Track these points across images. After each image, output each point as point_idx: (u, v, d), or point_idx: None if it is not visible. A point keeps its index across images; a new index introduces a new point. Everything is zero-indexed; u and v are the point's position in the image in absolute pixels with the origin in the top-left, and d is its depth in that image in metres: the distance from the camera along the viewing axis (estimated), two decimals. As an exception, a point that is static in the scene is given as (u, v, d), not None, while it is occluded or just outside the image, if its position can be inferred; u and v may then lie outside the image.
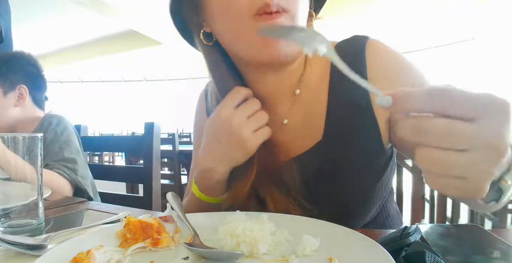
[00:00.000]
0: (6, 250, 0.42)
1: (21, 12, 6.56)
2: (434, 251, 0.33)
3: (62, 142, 1.07)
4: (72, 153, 1.05)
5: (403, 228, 0.38)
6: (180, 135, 6.11)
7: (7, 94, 1.10)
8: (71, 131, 1.12)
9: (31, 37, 8.29)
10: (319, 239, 0.40)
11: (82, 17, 7.16)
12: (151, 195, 1.19)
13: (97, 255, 0.36)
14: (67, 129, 1.11)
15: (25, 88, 1.13)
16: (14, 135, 0.51)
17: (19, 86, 1.12)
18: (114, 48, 9.10)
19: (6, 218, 0.51)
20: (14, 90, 1.11)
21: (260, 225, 0.41)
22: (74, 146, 1.08)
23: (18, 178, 0.52)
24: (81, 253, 0.35)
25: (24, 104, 1.14)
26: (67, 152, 1.04)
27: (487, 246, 0.41)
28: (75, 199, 0.80)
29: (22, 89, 1.13)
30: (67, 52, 9.64)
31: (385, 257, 0.32)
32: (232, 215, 0.46)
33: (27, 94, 1.14)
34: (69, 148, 1.06)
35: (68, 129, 1.12)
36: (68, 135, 1.09)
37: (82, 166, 1.06)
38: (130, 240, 0.42)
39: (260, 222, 0.43)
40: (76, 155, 1.06)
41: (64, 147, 1.05)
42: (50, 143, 1.06)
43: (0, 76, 1.08)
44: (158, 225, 0.43)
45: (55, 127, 1.09)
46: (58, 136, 1.07)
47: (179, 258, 0.39)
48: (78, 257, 0.35)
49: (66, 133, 1.09)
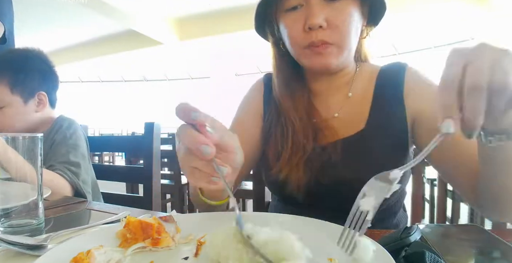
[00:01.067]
0: (6, 250, 0.42)
1: (21, 12, 6.57)
2: (434, 251, 0.33)
3: (69, 145, 1.08)
4: (77, 157, 1.06)
5: (403, 228, 0.38)
6: (180, 135, 6.10)
7: (27, 102, 1.11)
8: (80, 136, 1.13)
9: (31, 37, 8.30)
10: (319, 239, 0.39)
11: (82, 17, 7.16)
12: (151, 195, 1.19)
13: (97, 255, 0.36)
14: (76, 133, 1.12)
15: (45, 95, 1.15)
16: (14, 135, 0.51)
17: (39, 93, 1.13)
18: (114, 48, 9.10)
19: (6, 218, 0.51)
20: (33, 97, 1.13)
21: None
22: (80, 151, 1.09)
23: (19, 176, 0.52)
24: (81, 253, 0.35)
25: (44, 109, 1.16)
26: (73, 156, 1.05)
27: (487, 246, 0.41)
28: (75, 199, 0.80)
29: (41, 96, 1.14)
30: (67, 52, 9.63)
31: (385, 257, 0.32)
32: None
33: (46, 100, 1.16)
34: (75, 151, 1.07)
35: (77, 133, 1.13)
36: (77, 139, 1.10)
37: (85, 171, 1.06)
38: (130, 240, 0.42)
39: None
40: (81, 159, 1.07)
41: (71, 151, 1.06)
42: (57, 145, 1.07)
43: (19, 85, 1.09)
44: (158, 225, 0.43)
45: (65, 129, 1.11)
46: (67, 139, 1.08)
47: (179, 258, 0.39)
48: (78, 257, 0.35)
49: (75, 136, 1.10)
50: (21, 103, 1.09)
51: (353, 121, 0.74)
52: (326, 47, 0.68)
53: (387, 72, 0.77)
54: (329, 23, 0.67)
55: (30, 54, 1.14)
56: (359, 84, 0.78)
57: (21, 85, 1.09)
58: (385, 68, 0.78)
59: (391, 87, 0.74)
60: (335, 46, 0.68)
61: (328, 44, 0.68)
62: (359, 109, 0.75)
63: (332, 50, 0.68)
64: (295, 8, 0.69)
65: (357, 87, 0.78)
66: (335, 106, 0.78)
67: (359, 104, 0.76)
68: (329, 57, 0.69)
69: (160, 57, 9.96)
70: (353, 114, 0.75)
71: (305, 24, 0.67)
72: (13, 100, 1.08)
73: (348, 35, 0.68)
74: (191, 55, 9.52)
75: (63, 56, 9.80)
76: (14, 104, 1.08)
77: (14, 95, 1.08)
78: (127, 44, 8.76)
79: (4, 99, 1.07)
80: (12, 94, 1.07)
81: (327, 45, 0.68)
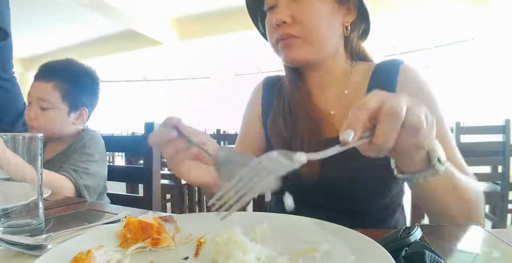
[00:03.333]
0: (6, 250, 0.42)
1: (21, 12, 6.56)
2: (434, 251, 0.33)
3: (84, 153, 1.11)
4: (87, 164, 1.08)
5: (403, 228, 0.38)
6: (180, 135, 6.10)
7: (71, 113, 1.17)
8: (97, 148, 1.17)
9: (31, 37, 8.30)
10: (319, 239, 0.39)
11: (82, 17, 7.16)
12: (151, 195, 1.19)
13: (97, 255, 0.36)
14: (94, 145, 1.16)
15: (87, 111, 1.22)
16: (14, 135, 0.51)
17: (83, 108, 1.20)
18: (114, 48, 9.09)
19: (6, 218, 0.51)
20: (77, 111, 1.19)
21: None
22: (93, 160, 1.11)
23: (18, 178, 0.52)
24: (81, 253, 0.35)
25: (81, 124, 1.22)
26: (82, 162, 1.08)
27: (487, 246, 0.41)
28: (75, 199, 0.80)
29: (83, 111, 1.21)
30: (67, 52, 9.62)
31: (385, 257, 0.32)
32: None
33: (86, 117, 1.22)
34: (87, 159, 1.10)
35: (95, 146, 1.16)
36: (93, 151, 1.14)
37: (92, 178, 1.08)
38: (130, 240, 0.42)
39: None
40: (91, 166, 1.09)
41: (83, 157, 1.10)
42: (74, 152, 1.11)
43: (71, 96, 1.15)
44: (158, 225, 0.43)
45: (85, 141, 1.15)
46: (84, 148, 1.13)
47: (179, 258, 0.39)
48: (78, 257, 0.35)
49: (92, 148, 1.14)
50: (65, 112, 1.16)
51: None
52: (292, 39, 0.72)
53: (382, 70, 0.77)
54: (295, 19, 0.71)
55: (88, 71, 1.22)
56: (355, 81, 0.79)
57: (73, 97, 1.16)
58: (380, 65, 0.79)
59: (384, 85, 0.73)
60: (301, 39, 0.72)
61: (295, 37, 0.72)
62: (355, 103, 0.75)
63: (298, 43, 0.72)
64: (271, 8, 0.75)
65: (353, 84, 0.79)
66: (332, 103, 0.79)
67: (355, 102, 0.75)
68: (296, 50, 0.73)
69: (160, 57, 9.95)
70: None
71: (274, 21, 0.73)
72: (60, 107, 1.14)
73: (315, 28, 0.71)
74: (191, 55, 9.52)
75: (63, 56, 9.74)
76: (59, 111, 1.14)
77: (63, 103, 1.14)
78: (127, 44, 8.76)
79: (53, 103, 1.13)
80: (62, 101, 1.14)
81: (293, 38, 0.72)
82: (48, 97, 1.12)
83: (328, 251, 0.38)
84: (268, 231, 0.44)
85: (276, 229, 0.44)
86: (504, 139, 2.11)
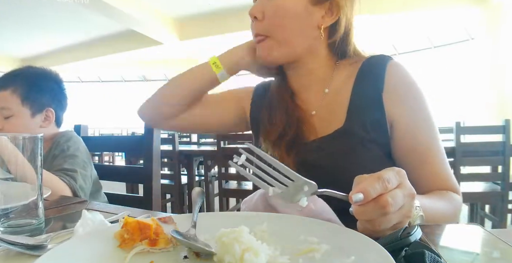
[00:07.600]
0: (6, 250, 0.42)
1: (21, 12, 6.56)
2: (434, 251, 0.33)
3: (66, 156, 1.10)
4: (74, 165, 1.08)
5: (403, 228, 0.38)
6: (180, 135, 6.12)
7: (35, 115, 1.15)
8: (77, 147, 1.16)
9: (31, 37, 8.30)
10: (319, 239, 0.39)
11: (82, 17, 7.16)
12: (151, 195, 1.19)
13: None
14: (74, 145, 1.15)
15: (52, 112, 1.20)
16: (14, 135, 0.51)
17: (47, 109, 1.18)
18: (114, 48, 9.09)
19: (6, 218, 0.51)
20: (41, 112, 1.17)
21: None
22: (77, 160, 1.11)
23: (19, 174, 0.52)
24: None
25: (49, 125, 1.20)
26: (68, 164, 1.07)
27: (487, 246, 0.41)
28: (75, 199, 0.80)
29: (49, 112, 1.19)
30: (66, 52, 9.63)
31: (385, 257, 0.32)
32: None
33: (53, 117, 1.20)
34: (71, 161, 1.09)
35: (75, 145, 1.15)
36: (74, 151, 1.13)
37: (83, 178, 1.08)
38: (127, 240, 0.42)
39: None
40: (79, 167, 1.09)
41: (67, 160, 1.09)
42: (56, 158, 1.10)
43: (30, 98, 1.14)
44: (156, 226, 0.43)
45: (63, 143, 1.14)
46: (64, 151, 1.12)
47: (179, 258, 0.39)
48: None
49: (72, 148, 1.13)
50: (29, 116, 1.14)
51: (331, 119, 0.73)
52: (262, 38, 0.73)
53: (368, 67, 0.73)
54: (264, 15, 0.72)
55: (47, 74, 1.21)
56: (338, 80, 0.76)
57: (32, 99, 1.14)
58: (366, 63, 0.74)
59: (370, 84, 0.71)
60: (271, 38, 0.72)
61: (264, 36, 0.72)
62: (337, 106, 0.73)
63: (268, 42, 0.72)
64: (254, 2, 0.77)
65: (336, 83, 0.76)
66: (313, 103, 0.78)
67: (337, 102, 0.74)
68: (266, 49, 0.73)
69: (160, 57, 9.95)
70: (331, 112, 0.74)
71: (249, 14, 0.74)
72: (22, 111, 1.12)
73: (281, 27, 0.71)
74: (191, 55, 9.52)
75: (63, 56, 9.79)
76: (21, 115, 1.12)
77: (23, 107, 1.12)
78: (127, 44, 8.76)
79: (14, 109, 1.11)
80: (22, 105, 1.12)
81: (262, 36, 0.73)
82: (8, 104, 1.10)
83: (328, 251, 0.38)
84: (268, 231, 0.44)
85: (276, 229, 0.44)
86: (504, 139, 2.12)
